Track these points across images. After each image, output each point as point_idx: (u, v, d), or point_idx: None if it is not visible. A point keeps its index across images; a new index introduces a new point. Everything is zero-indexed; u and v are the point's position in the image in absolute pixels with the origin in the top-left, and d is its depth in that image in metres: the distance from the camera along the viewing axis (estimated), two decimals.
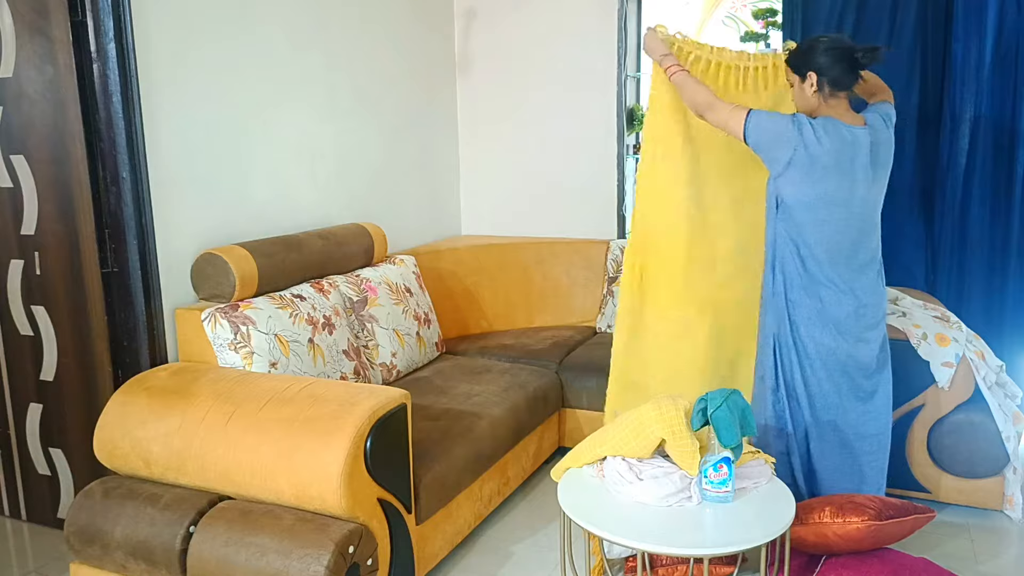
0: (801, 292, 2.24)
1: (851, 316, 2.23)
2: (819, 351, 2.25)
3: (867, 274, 2.26)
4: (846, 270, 2.23)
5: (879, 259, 2.32)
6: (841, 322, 2.23)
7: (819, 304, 2.23)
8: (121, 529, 2.04)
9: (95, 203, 2.44)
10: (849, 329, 2.24)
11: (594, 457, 2.14)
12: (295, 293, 2.65)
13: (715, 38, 3.95)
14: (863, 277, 2.25)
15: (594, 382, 3.19)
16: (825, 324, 2.24)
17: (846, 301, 2.22)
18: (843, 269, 2.22)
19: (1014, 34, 3.19)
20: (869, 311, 2.26)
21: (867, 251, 2.26)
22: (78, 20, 2.33)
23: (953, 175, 3.35)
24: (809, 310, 2.24)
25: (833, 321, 2.23)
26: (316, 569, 1.82)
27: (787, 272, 2.26)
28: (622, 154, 3.96)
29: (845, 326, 2.24)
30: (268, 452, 2.00)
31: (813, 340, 2.24)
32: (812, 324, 2.24)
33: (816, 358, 2.25)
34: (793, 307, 2.26)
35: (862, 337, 2.26)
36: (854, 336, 2.25)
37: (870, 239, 2.27)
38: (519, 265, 3.88)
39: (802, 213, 2.20)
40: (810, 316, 2.24)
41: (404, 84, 3.75)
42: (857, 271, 2.24)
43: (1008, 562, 2.49)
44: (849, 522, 2.05)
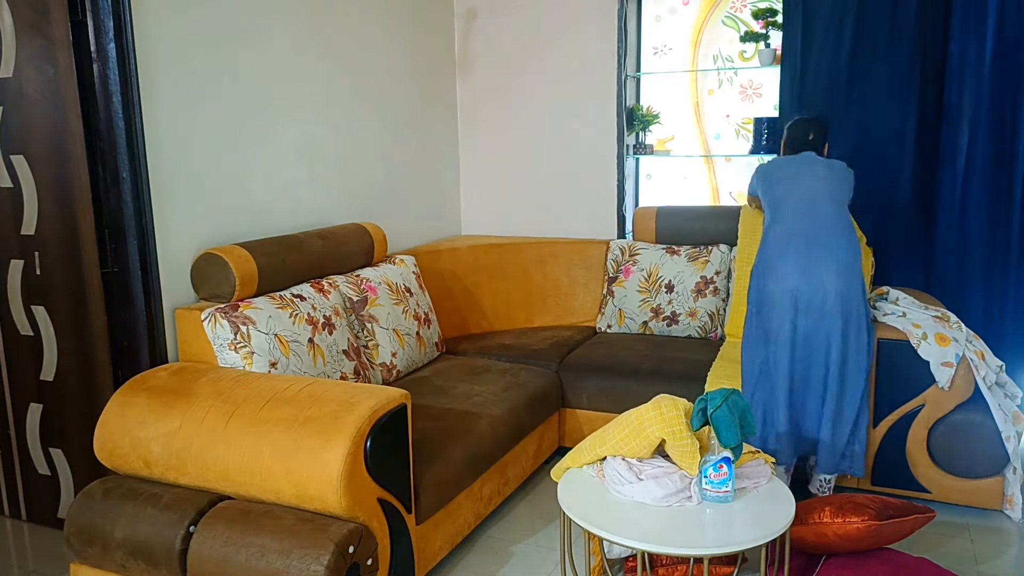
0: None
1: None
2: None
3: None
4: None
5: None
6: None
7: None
8: (121, 529, 2.04)
9: (95, 203, 2.44)
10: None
11: (594, 457, 2.14)
12: (295, 293, 2.66)
13: (715, 38, 3.95)
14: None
15: (594, 382, 3.19)
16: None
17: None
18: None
19: (1014, 34, 3.19)
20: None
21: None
22: (78, 20, 2.33)
23: (953, 175, 3.35)
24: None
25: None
26: (316, 569, 1.82)
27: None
28: (622, 154, 3.96)
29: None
30: (268, 452, 2.00)
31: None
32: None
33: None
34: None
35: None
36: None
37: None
38: (519, 265, 3.88)
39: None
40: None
41: (404, 84, 3.75)
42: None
43: (1008, 562, 2.49)
44: (849, 522, 2.06)
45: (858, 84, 3.45)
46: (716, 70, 3.98)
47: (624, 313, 3.65)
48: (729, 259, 3.55)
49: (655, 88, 4.14)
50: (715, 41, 3.97)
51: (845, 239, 2.61)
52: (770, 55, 3.70)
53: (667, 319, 3.57)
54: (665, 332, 3.58)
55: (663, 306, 3.58)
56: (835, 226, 2.63)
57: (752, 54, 3.85)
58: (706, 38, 3.99)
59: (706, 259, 3.55)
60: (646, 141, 4.13)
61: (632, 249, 3.71)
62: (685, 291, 3.54)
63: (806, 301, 2.56)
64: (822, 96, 3.51)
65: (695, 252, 3.59)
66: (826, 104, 3.50)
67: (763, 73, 3.87)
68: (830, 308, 2.54)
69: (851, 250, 2.59)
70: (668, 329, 3.57)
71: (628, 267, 3.68)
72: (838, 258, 2.57)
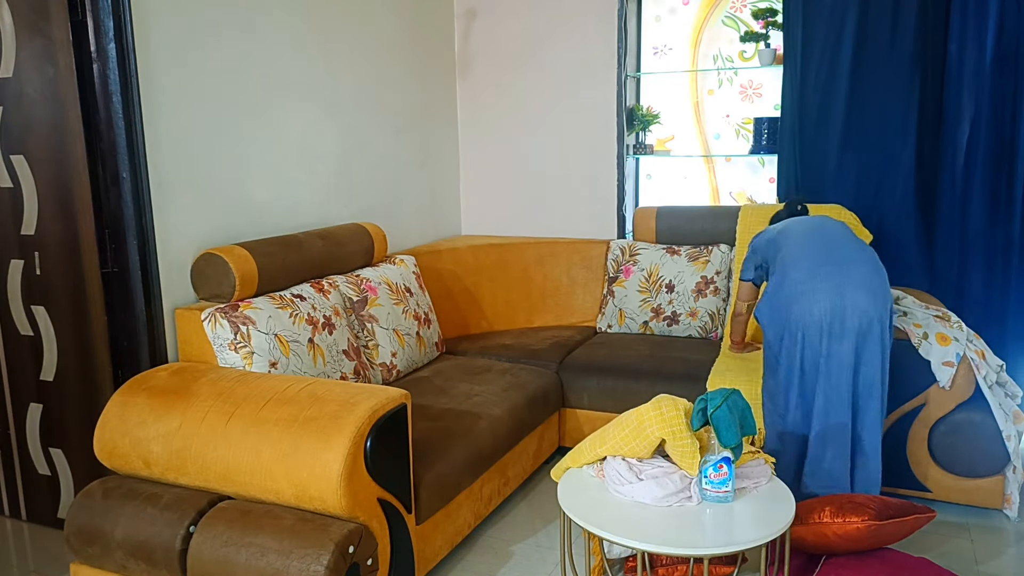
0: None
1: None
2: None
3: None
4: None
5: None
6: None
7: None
8: (121, 529, 2.04)
9: (95, 203, 2.44)
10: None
11: (594, 457, 2.14)
12: (295, 293, 2.65)
13: (715, 38, 3.95)
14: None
15: (594, 382, 3.19)
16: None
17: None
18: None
19: (1014, 34, 3.19)
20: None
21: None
22: (78, 20, 2.33)
23: (953, 174, 3.35)
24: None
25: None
26: (316, 569, 1.82)
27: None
28: (622, 154, 3.96)
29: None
30: (268, 452, 2.00)
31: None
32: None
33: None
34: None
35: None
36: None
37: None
38: (519, 265, 3.88)
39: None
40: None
41: (404, 84, 3.75)
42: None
43: (1008, 562, 2.49)
44: (849, 522, 2.05)
45: (859, 84, 3.45)
46: (716, 70, 3.98)
47: (624, 313, 3.65)
48: (729, 259, 3.55)
49: (655, 88, 4.14)
50: (715, 41, 3.97)
51: (872, 262, 2.49)
52: (770, 55, 3.70)
53: (667, 319, 3.57)
54: (665, 332, 3.58)
55: (663, 306, 3.58)
56: (859, 252, 2.51)
57: (752, 54, 3.85)
58: (706, 38, 3.99)
59: (706, 259, 3.54)
60: (646, 141, 4.13)
61: (632, 249, 3.71)
62: (685, 291, 3.54)
63: (839, 328, 2.39)
64: (822, 96, 3.51)
65: (695, 252, 3.58)
66: (826, 104, 3.50)
67: (763, 73, 3.87)
68: (865, 333, 2.39)
69: (879, 274, 2.48)
70: (668, 329, 3.57)
71: (628, 267, 3.68)
72: (869, 283, 2.42)
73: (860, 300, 2.38)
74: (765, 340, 2.57)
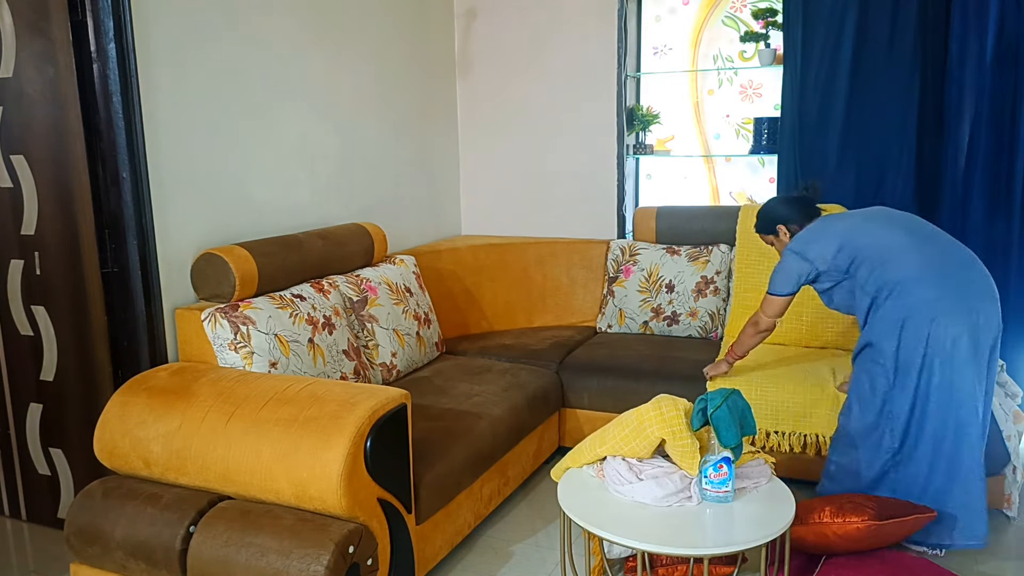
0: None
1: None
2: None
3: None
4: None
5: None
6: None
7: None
8: (121, 529, 2.04)
9: (95, 203, 2.44)
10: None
11: (594, 457, 2.14)
12: (295, 293, 2.65)
13: (715, 38, 3.95)
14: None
15: (595, 382, 3.19)
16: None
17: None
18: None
19: (1014, 34, 3.19)
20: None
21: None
22: (78, 20, 2.33)
23: (954, 174, 3.35)
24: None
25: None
26: (316, 569, 1.82)
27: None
28: (622, 154, 3.96)
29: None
30: (268, 452, 2.00)
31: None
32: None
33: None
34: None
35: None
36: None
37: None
38: (519, 265, 3.88)
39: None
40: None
41: (404, 84, 3.75)
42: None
43: (1008, 562, 2.49)
44: (849, 522, 2.06)
45: (859, 84, 3.45)
46: (716, 70, 3.98)
47: (625, 313, 3.65)
48: (730, 259, 3.55)
49: (655, 88, 4.14)
50: (715, 41, 3.97)
51: (980, 264, 2.35)
52: (770, 55, 3.70)
53: (668, 319, 3.57)
54: (666, 332, 3.58)
55: (664, 306, 3.58)
56: (966, 252, 2.36)
57: (752, 54, 3.85)
58: (706, 38, 3.99)
59: (706, 259, 3.54)
60: (646, 141, 4.13)
61: (632, 249, 3.71)
62: (686, 291, 3.54)
63: (973, 346, 2.23)
64: (822, 96, 3.51)
65: (695, 252, 3.58)
66: (826, 104, 3.50)
67: (763, 73, 3.87)
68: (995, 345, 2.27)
69: (989, 276, 2.34)
70: (669, 329, 3.57)
71: (628, 267, 3.68)
72: (989, 289, 2.30)
73: (989, 312, 2.25)
74: (874, 367, 2.35)
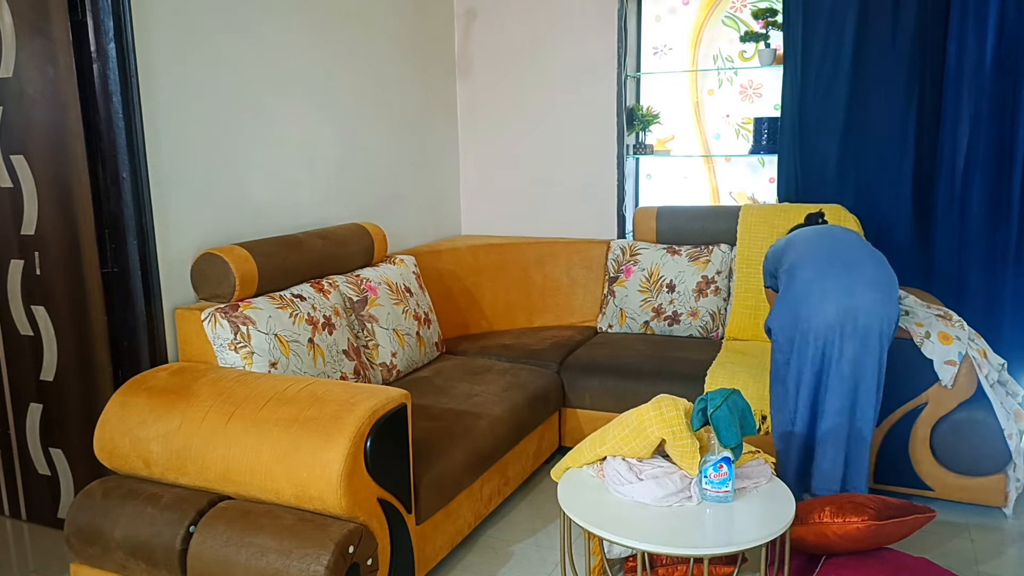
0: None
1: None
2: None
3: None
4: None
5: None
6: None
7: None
8: (121, 529, 2.04)
9: (95, 203, 2.44)
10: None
11: (594, 457, 2.14)
12: (295, 293, 2.65)
13: (715, 38, 3.95)
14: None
15: (596, 382, 3.19)
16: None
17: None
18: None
19: (1014, 34, 3.19)
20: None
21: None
22: (78, 20, 2.33)
23: (953, 174, 3.35)
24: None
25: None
26: (316, 569, 1.82)
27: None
28: (622, 154, 3.96)
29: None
30: (268, 452, 2.00)
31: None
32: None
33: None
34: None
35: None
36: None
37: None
38: (519, 265, 3.88)
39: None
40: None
41: (404, 84, 3.75)
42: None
43: (1008, 562, 2.49)
44: (849, 522, 2.05)
45: (859, 84, 3.45)
46: (716, 70, 3.97)
47: (625, 313, 3.65)
48: (730, 259, 3.55)
49: (655, 88, 4.14)
50: (715, 41, 3.97)
51: (881, 261, 2.50)
52: (770, 55, 3.70)
53: (668, 319, 3.57)
54: (666, 332, 3.58)
55: (664, 306, 3.57)
56: (867, 253, 2.52)
57: (752, 54, 3.85)
58: (706, 38, 3.99)
59: (707, 259, 3.54)
60: (646, 141, 4.13)
61: (633, 249, 3.71)
62: (686, 291, 3.54)
63: (851, 328, 2.38)
64: (822, 96, 3.51)
65: (696, 252, 3.58)
66: (826, 104, 3.50)
67: (763, 73, 3.87)
68: (872, 328, 2.38)
69: (887, 272, 2.48)
70: (669, 329, 3.57)
71: (629, 267, 3.68)
72: (877, 280, 2.43)
73: (869, 298, 2.38)
74: (774, 346, 2.55)
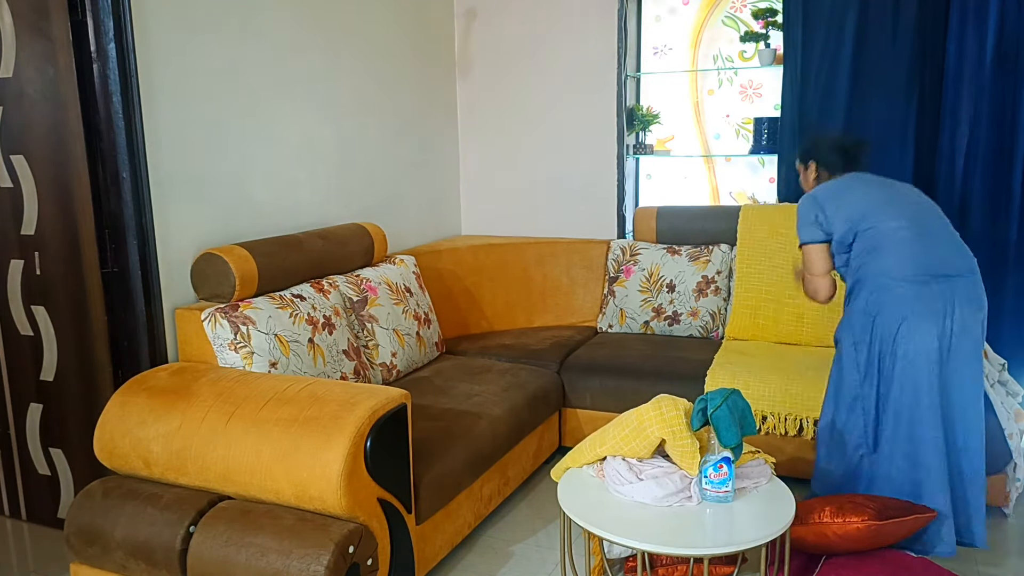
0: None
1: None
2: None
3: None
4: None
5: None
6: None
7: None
8: (121, 529, 2.04)
9: (95, 203, 2.44)
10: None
11: (594, 457, 2.14)
12: (295, 293, 2.65)
13: (715, 38, 3.95)
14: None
15: (597, 382, 3.19)
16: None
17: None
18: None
19: (1014, 34, 3.19)
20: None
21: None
22: (78, 20, 2.33)
23: (953, 174, 3.34)
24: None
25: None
26: (316, 569, 1.82)
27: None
28: (622, 154, 3.96)
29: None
30: (268, 452, 2.00)
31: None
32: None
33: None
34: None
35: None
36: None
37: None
38: (519, 265, 3.88)
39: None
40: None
41: (404, 84, 3.75)
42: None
43: (1008, 562, 2.49)
44: (849, 522, 2.05)
45: (859, 84, 3.45)
46: (716, 70, 3.97)
47: (625, 313, 3.65)
48: (730, 259, 3.55)
49: (655, 88, 4.14)
50: (715, 41, 3.97)
51: (976, 271, 2.34)
52: (770, 55, 3.70)
53: (669, 319, 3.57)
54: (667, 332, 3.58)
55: (664, 306, 3.57)
56: (964, 259, 2.36)
57: (752, 54, 3.85)
58: (706, 38, 3.99)
59: (707, 259, 3.54)
60: (646, 141, 4.13)
61: (633, 249, 3.71)
62: (686, 291, 3.54)
63: (946, 352, 2.26)
64: (822, 96, 3.51)
65: (696, 252, 3.58)
66: (826, 104, 3.50)
67: (763, 73, 3.87)
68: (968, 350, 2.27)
69: (980, 285, 2.33)
70: (670, 329, 3.57)
71: (629, 267, 3.68)
72: (979, 298, 2.31)
73: (968, 318, 2.26)
74: (846, 343, 2.41)
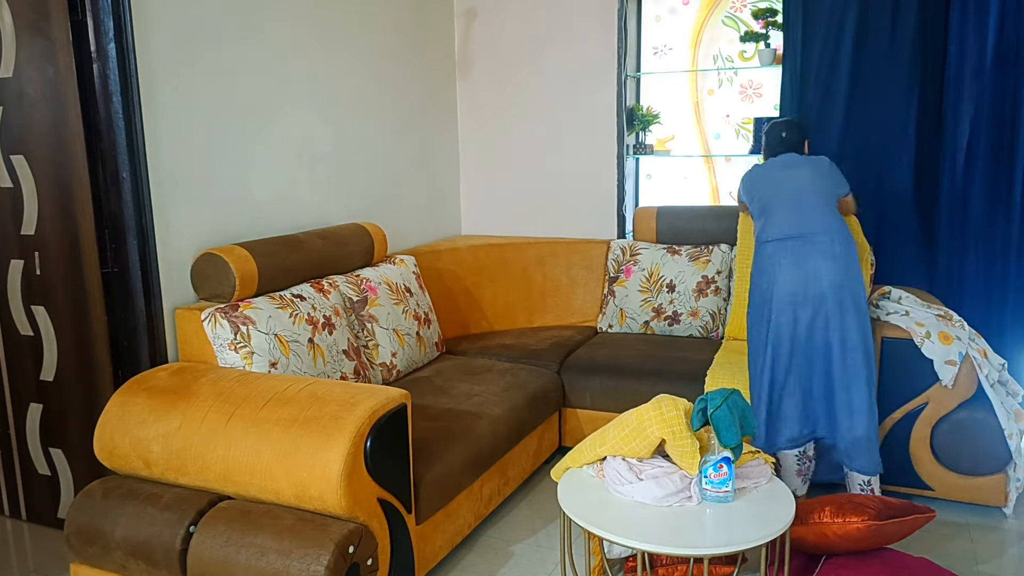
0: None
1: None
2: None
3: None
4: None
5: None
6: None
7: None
8: (121, 529, 2.04)
9: (95, 203, 2.44)
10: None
11: (594, 457, 2.14)
12: (295, 293, 2.65)
13: (715, 38, 3.95)
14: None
15: (597, 382, 3.19)
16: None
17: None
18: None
19: (1014, 34, 3.19)
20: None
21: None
22: (78, 20, 2.33)
23: (953, 174, 3.34)
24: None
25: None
26: (316, 569, 1.82)
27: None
28: (622, 154, 3.96)
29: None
30: (268, 452, 2.00)
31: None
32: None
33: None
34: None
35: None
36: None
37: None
38: (519, 265, 3.88)
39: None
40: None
41: (404, 84, 3.75)
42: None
43: (1008, 562, 2.49)
44: (849, 522, 2.05)
45: (859, 84, 3.45)
46: (716, 70, 3.97)
47: (626, 313, 3.65)
48: (730, 259, 3.55)
49: (655, 88, 4.13)
50: (715, 41, 3.97)
51: (837, 232, 2.65)
52: (770, 55, 3.70)
53: (669, 319, 3.57)
54: (667, 332, 3.58)
55: (664, 306, 3.57)
56: (825, 221, 2.67)
57: (752, 54, 3.84)
58: (706, 38, 3.99)
59: (707, 259, 3.54)
60: (646, 141, 4.13)
61: (633, 249, 3.71)
62: (687, 291, 3.54)
63: (802, 296, 2.62)
64: (822, 96, 3.51)
65: (696, 252, 3.58)
66: (826, 104, 3.50)
67: (763, 73, 3.87)
68: (829, 299, 2.59)
69: (844, 243, 2.64)
70: (670, 329, 3.57)
71: (629, 267, 3.68)
72: (831, 251, 2.62)
73: (821, 268, 2.59)
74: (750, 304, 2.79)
